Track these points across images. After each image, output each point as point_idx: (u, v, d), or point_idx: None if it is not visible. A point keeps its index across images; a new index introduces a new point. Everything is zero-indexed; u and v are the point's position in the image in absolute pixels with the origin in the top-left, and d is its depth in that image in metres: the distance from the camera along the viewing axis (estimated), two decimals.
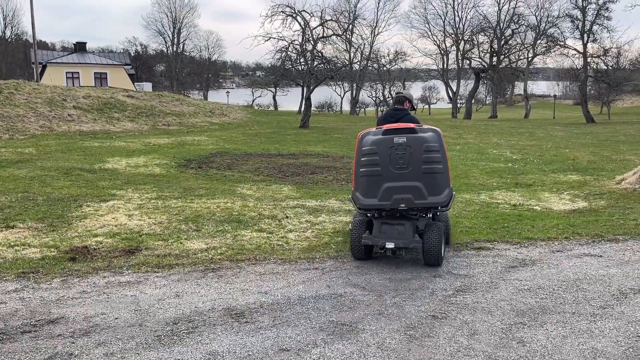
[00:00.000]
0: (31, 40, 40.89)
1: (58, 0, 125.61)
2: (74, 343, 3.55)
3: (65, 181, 9.75)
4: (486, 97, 79.35)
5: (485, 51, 51.16)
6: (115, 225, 6.76)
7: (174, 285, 4.72)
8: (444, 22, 56.04)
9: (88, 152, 14.03)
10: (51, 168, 11.08)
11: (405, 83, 66.71)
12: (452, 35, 55.74)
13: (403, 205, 5.06)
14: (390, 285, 4.75)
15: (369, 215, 5.45)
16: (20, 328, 3.78)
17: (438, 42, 57.56)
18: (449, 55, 58.06)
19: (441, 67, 58.71)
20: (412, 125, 5.25)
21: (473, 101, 57.40)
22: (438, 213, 5.60)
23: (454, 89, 57.35)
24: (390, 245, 5.13)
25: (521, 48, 51.90)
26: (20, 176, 10.05)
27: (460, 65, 56.21)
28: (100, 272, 5.03)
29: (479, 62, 51.33)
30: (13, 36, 66.84)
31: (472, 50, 52.99)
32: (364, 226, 5.38)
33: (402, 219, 5.28)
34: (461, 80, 59.11)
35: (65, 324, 3.86)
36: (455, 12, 55.37)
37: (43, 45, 63.24)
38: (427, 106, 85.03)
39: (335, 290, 4.61)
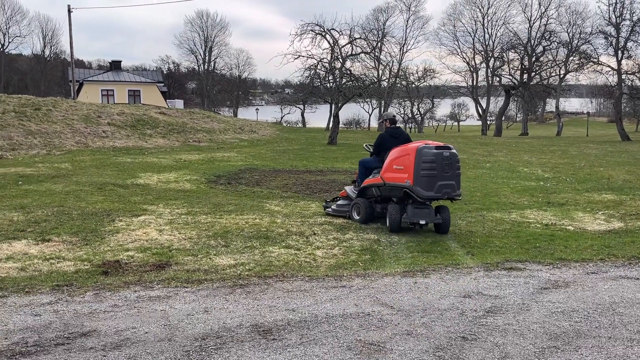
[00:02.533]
0: (69, 59, 42.35)
1: (95, 20, 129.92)
2: (105, 356, 3.61)
3: (99, 196, 9.99)
4: (517, 114, 78.34)
5: (515, 68, 50.63)
6: (146, 240, 6.88)
7: (203, 300, 4.77)
8: (473, 39, 55.87)
9: (121, 167, 14.36)
10: (86, 183, 11.37)
11: (434, 100, 66.46)
12: (482, 52, 55.43)
13: (446, 196, 7.51)
14: (419, 305, 4.69)
15: (372, 200, 8.32)
16: (54, 340, 3.86)
17: (467, 59, 57.35)
18: (479, 72, 57.75)
19: (470, 84, 58.36)
20: (450, 145, 7.84)
21: (503, 118, 56.72)
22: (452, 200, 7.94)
23: (484, 106, 56.81)
24: (422, 222, 7.59)
25: (553, 65, 51.20)
26: (57, 191, 10.34)
27: (490, 82, 55.75)
28: (131, 286, 5.11)
29: (509, 79, 50.78)
30: (52, 55, 69.36)
31: (502, 67, 52.50)
32: (399, 210, 7.70)
33: (425, 205, 7.62)
34: (491, 97, 58.57)
35: (97, 337, 3.93)
36: (485, 29, 55.13)
37: (80, 64, 65.36)
38: (456, 123, 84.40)
39: (363, 309, 4.58)
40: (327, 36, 26.24)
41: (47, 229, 7.27)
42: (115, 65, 52.14)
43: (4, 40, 62.96)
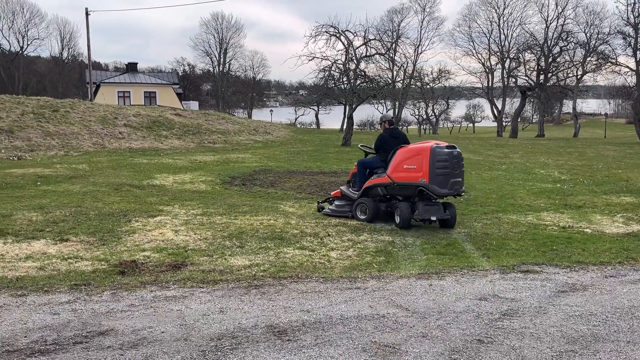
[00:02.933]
0: (86, 61, 42.90)
1: (112, 23, 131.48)
2: (122, 355, 3.65)
3: (116, 196, 10.10)
4: (533, 115, 77.54)
5: (532, 69, 50.09)
6: (162, 241, 6.94)
7: (218, 300, 4.80)
8: (489, 40, 55.41)
9: (137, 168, 14.50)
10: (102, 184, 11.51)
11: (449, 101, 66.08)
12: (498, 53, 54.96)
13: (456, 192, 8.05)
14: (434, 307, 4.67)
15: (376, 199, 8.52)
16: (72, 339, 3.91)
17: (483, 60, 56.89)
18: (494, 73, 57.23)
19: (486, 85, 57.88)
20: (454, 144, 8.26)
21: (519, 120, 56.19)
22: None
23: (499, 107, 56.35)
24: (433, 218, 8.00)
25: (570, 66, 50.59)
26: (74, 191, 10.48)
27: (505, 83, 55.27)
28: (147, 286, 5.16)
29: (525, 80, 50.26)
30: (70, 57, 70.31)
31: (518, 68, 52.00)
32: (409, 208, 8.07)
33: (434, 202, 8.10)
34: (506, 99, 58.07)
35: (114, 336, 3.98)
36: (501, 30, 54.64)
37: (97, 66, 66.13)
38: (470, 124, 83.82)
39: (378, 311, 4.57)
40: (342, 37, 26.24)
41: (65, 229, 7.37)
42: (132, 67, 52.69)
43: (23, 43, 63.94)
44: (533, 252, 6.74)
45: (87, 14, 37.89)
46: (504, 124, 57.59)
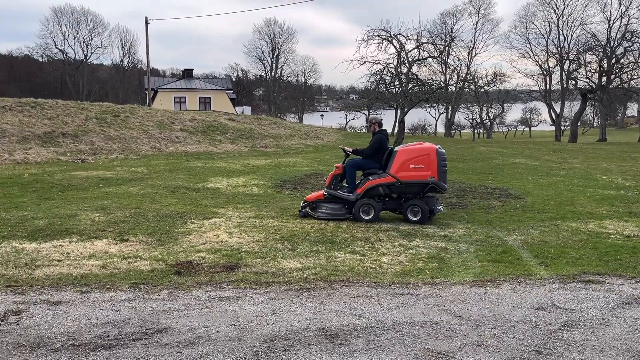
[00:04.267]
0: (145, 68, 44.57)
1: (169, 31, 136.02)
2: (179, 353, 3.76)
3: (172, 199, 10.42)
4: (594, 119, 74.36)
5: (593, 71, 48.04)
6: (217, 242, 7.11)
7: (271, 302, 4.86)
8: (547, 41, 53.59)
9: (192, 172, 14.91)
10: (160, 186, 11.91)
11: (504, 104, 64.37)
12: (556, 55, 53.06)
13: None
14: (489, 316, 4.56)
15: (375, 199, 8.81)
16: (133, 335, 4.07)
17: (540, 62, 55.07)
18: (552, 75, 55.29)
19: (543, 88, 55.98)
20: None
21: (579, 123, 54.00)
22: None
23: (558, 111, 54.36)
24: (440, 208, 9.06)
25: (634, 67, 48.16)
26: (133, 193, 10.90)
27: (564, 85, 53.23)
28: (202, 287, 5.30)
29: (586, 82, 48.25)
30: (129, 64, 73.27)
31: (579, 70, 50.00)
32: (426, 204, 8.77)
33: (432, 197, 8.94)
34: (565, 102, 55.94)
35: (172, 334, 4.10)
36: (560, 31, 52.73)
37: (155, 72, 68.61)
38: (527, 128, 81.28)
39: (431, 318, 4.50)
40: (394, 41, 26.11)
41: (125, 230, 7.67)
42: (187, 74, 54.33)
43: (87, 52, 67.25)
44: (595, 261, 6.45)
45: (146, 23, 39.37)
46: (562, 128, 55.49)
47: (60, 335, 4.04)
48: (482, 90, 57.24)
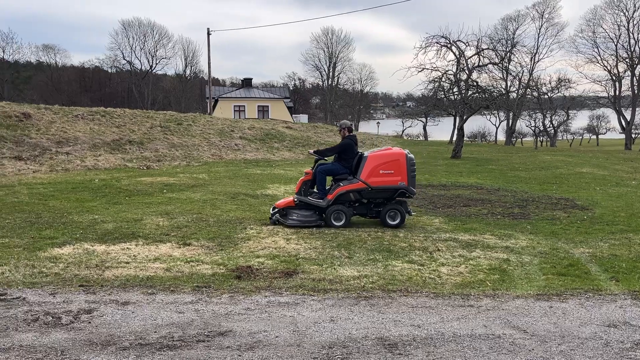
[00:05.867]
0: (206, 78, 46.01)
1: (229, 41, 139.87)
2: (240, 356, 3.84)
3: (232, 205, 10.68)
4: None
5: None
6: (275, 248, 7.21)
7: (329, 309, 4.88)
8: (616, 45, 50.99)
9: (251, 178, 15.22)
10: (220, 192, 12.23)
11: (569, 111, 61.86)
12: (626, 60, 50.42)
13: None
14: (555, 331, 4.38)
15: (346, 204, 8.83)
16: (196, 337, 4.19)
17: (609, 67, 52.44)
18: (622, 81, 52.53)
19: (612, 94, 53.31)
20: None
21: None
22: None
23: (628, 118, 51.60)
24: (411, 211, 9.21)
25: None
26: (195, 199, 11.24)
27: (635, 91, 50.51)
28: (262, 292, 5.39)
29: None
30: (192, 74, 75.85)
31: None
32: (404, 207, 9.00)
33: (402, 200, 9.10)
34: (637, 108, 53.03)
35: (233, 337, 4.20)
36: (630, 34, 50.10)
37: (215, 82, 70.63)
38: (594, 136, 77.64)
39: (493, 331, 4.38)
40: (453, 48, 25.66)
41: (188, 234, 7.92)
42: (247, 83, 55.65)
43: (152, 62, 70.19)
44: None
45: (208, 34, 40.69)
46: (633, 136, 52.60)
47: (129, 334, 4.22)
48: (546, 96, 55.22)
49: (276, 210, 8.96)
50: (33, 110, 20.51)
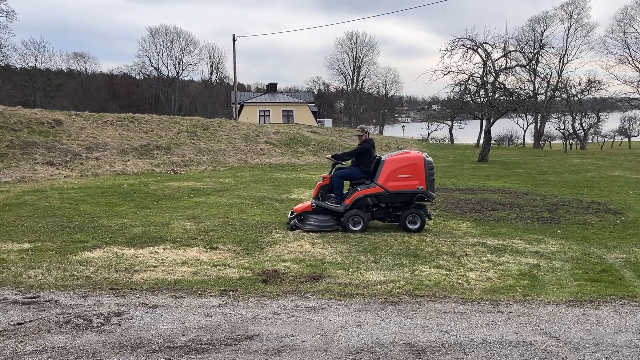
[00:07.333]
0: (232, 83, 46.47)
1: (254, 47, 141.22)
2: None
3: (258, 209, 10.73)
4: None
5: None
6: (301, 252, 7.21)
7: (356, 314, 4.85)
8: None
9: (276, 183, 15.29)
10: (246, 197, 12.30)
11: (600, 114, 60.51)
12: None
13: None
14: (589, 339, 4.26)
15: (363, 209, 8.76)
16: (223, 340, 4.21)
17: None
18: None
19: None
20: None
21: None
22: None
23: None
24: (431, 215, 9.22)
25: None
26: (222, 203, 11.34)
27: None
28: (288, 296, 5.39)
29: None
30: (217, 80, 76.75)
31: None
32: (424, 212, 8.92)
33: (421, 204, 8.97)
34: None
35: (260, 341, 4.20)
36: None
37: (241, 87, 71.35)
38: (625, 139, 75.74)
39: (524, 338, 4.29)
40: (480, 50, 25.38)
41: (215, 238, 7.99)
42: (271, 88, 55.99)
43: (179, 69, 71.23)
44: None
45: (234, 40, 41.11)
46: None
47: (157, 337, 4.27)
48: (575, 98, 54.11)
49: (294, 215, 8.96)
50: (64, 117, 21.03)
